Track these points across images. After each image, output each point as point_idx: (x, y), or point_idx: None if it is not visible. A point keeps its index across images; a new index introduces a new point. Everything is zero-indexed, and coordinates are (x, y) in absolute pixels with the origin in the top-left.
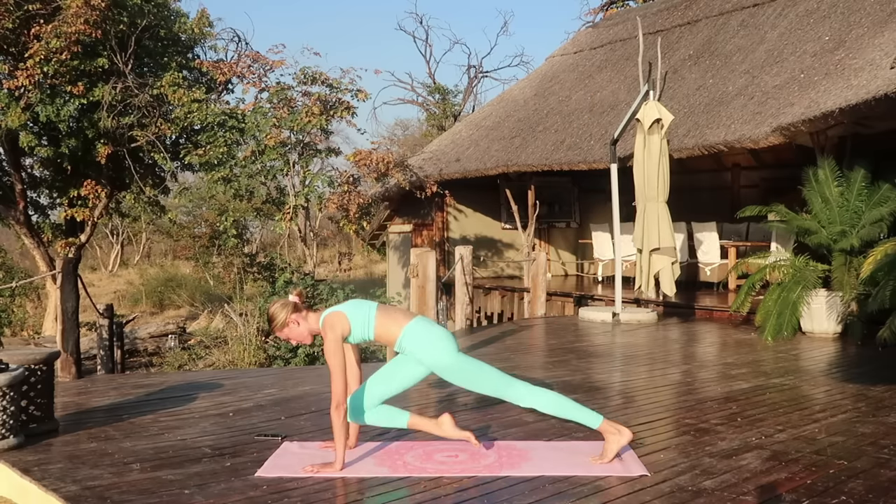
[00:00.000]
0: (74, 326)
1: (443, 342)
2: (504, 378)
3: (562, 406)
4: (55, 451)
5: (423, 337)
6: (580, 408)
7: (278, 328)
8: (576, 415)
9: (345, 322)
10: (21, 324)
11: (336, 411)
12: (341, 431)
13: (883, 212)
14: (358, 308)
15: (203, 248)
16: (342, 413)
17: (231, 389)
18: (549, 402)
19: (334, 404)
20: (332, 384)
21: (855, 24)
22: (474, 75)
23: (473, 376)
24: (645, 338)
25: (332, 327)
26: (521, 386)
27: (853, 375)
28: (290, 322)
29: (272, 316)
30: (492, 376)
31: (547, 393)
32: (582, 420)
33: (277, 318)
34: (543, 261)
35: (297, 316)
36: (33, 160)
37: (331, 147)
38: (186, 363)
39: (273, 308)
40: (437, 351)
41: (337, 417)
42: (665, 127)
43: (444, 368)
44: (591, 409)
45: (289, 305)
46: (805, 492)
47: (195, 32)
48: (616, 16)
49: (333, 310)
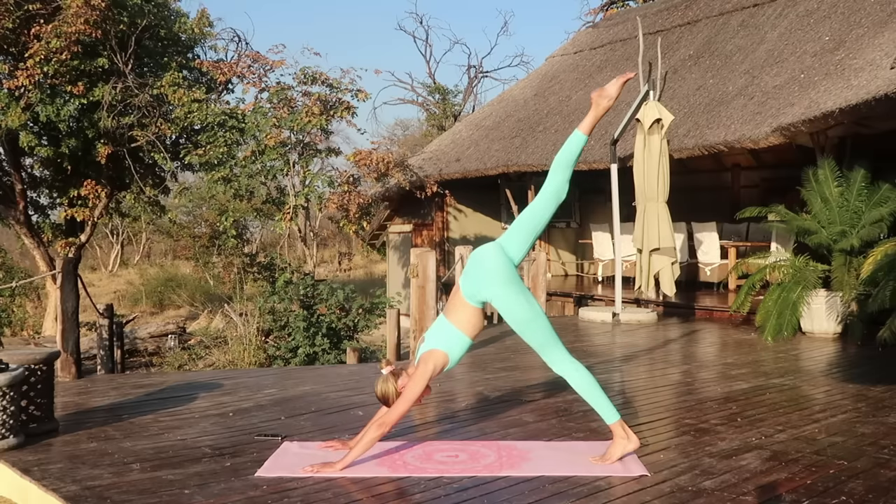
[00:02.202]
0: (74, 326)
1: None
2: (556, 337)
3: (590, 391)
4: (55, 451)
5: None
6: (605, 399)
7: (394, 400)
8: (599, 403)
9: (441, 357)
10: (21, 324)
11: (377, 429)
12: (368, 446)
13: (883, 212)
14: (442, 335)
15: (203, 248)
16: (381, 433)
17: (231, 389)
18: (582, 381)
19: (381, 422)
20: (397, 407)
21: (855, 24)
22: (474, 75)
23: (527, 318)
24: (645, 338)
25: (427, 362)
26: (564, 354)
27: (853, 375)
28: (401, 390)
29: (383, 397)
30: (546, 328)
31: (584, 373)
32: (602, 411)
33: (389, 394)
34: (543, 261)
35: (402, 381)
36: (33, 160)
37: (331, 147)
38: (186, 363)
39: (379, 390)
40: (493, 282)
41: (374, 433)
42: (665, 127)
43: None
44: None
45: (389, 378)
46: (805, 492)
47: (195, 32)
48: (616, 16)
49: (427, 349)
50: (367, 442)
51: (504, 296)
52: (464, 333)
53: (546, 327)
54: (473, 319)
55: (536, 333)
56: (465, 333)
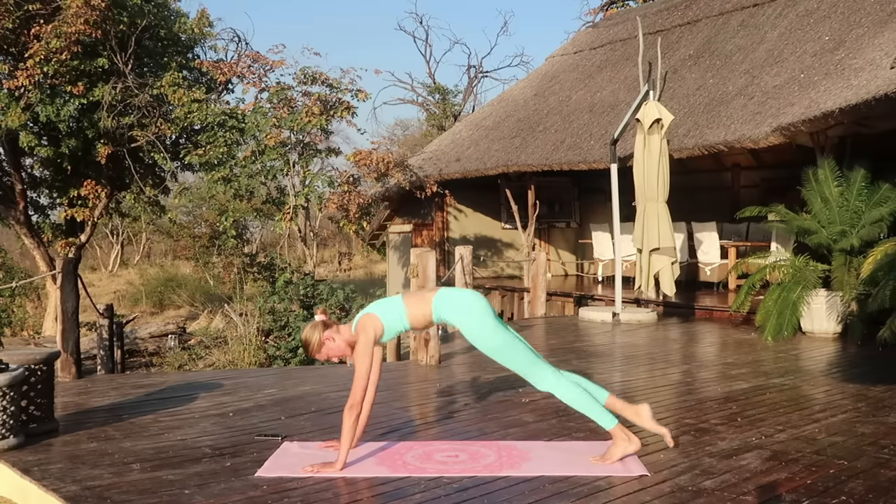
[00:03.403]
0: (74, 326)
1: (472, 303)
2: (533, 358)
3: (582, 401)
4: (55, 451)
5: (453, 300)
6: (599, 407)
7: (315, 350)
8: (593, 412)
9: (377, 323)
10: (21, 324)
11: (349, 411)
12: (350, 432)
13: (883, 212)
14: (386, 305)
15: (203, 248)
16: (355, 414)
17: (231, 389)
18: (571, 394)
19: (349, 404)
20: (354, 384)
21: (855, 24)
22: (474, 75)
23: (498, 346)
24: (645, 338)
25: (365, 329)
26: (548, 371)
27: (853, 375)
28: (324, 340)
29: (306, 341)
30: (522, 353)
31: (571, 385)
32: (598, 419)
33: (311, 340)
34: (543, 261)
35: (330, 332)
36: (33, 160)
37: (331, 147)
38: (186, 363)
39: (304, 334)
40: (467, 313)
41: (349, 418)
42: (665, 127)
43: (471, 331)
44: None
45: (318, 325)
46: (805, 492)
47: (195, 32)
48: (616, 16)
49: (364, 313)
50: (348, 429)
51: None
52: (409, 320)
53: (518, 353)
54: (423, 320)
55: (512, 360)
56: (409, 321)
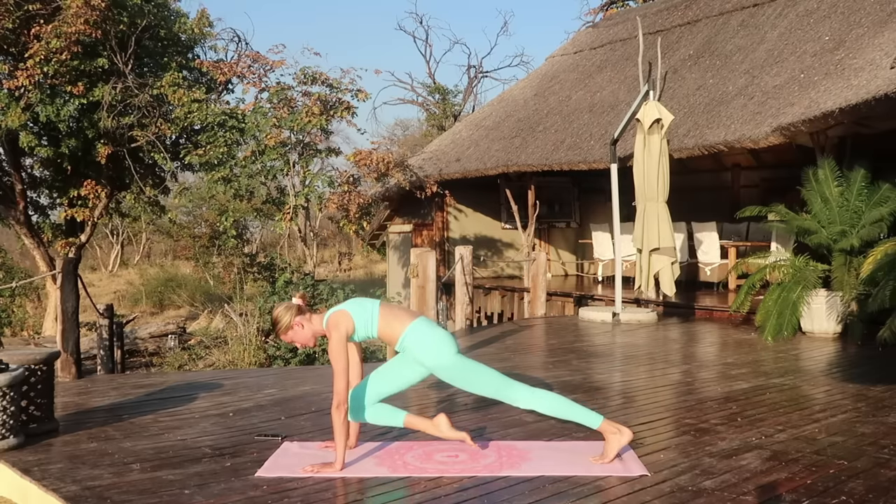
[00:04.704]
0: (74, 326)
1: (443, 344)
2: (503, 380)
3: (561, 407)
4: (55, 451)
5: (425, 337)
6: (580, 408)
7: (282, 331)
8: (576, 415)
9: (349, 321)
10: (21, 324)
11: (337, 411)
12: (342, 431)
13: (883, 212)
14: (361, 306)
15: (203, 248)
16: (343, 413)
17: (231, 389)
18: (549, 403)
19: (335, 404)
20: (335, 384)
21: (855, 24)
22: (474, 75)
23: (472, 378)
24: (645, 338)
25: (337, 326)
26: (521, 388)
27: (853, 375)
28: (294, 325)
29: (276, 319)
30: (491, 378)
31: (546, 394)
32: (582, 420)
33: (281, 321)
34: (543, 261)
35: (301, 318)
36: (33, 160)
37: (331, 147)
38: (186, 363)
39: (277, 311)
40: (437, 352)
41: (338, 417)
42: (665, 127)
43: (443, 369)
44: (590, 409)
45: (292, 308)
46: (805, 492)
47: (195, 32)
48: (616, 16)
49: (337, 309)
50: (339, 428)
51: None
52: (378, 329)
53: (488, 378)
54: (390, 337)
55: (485, 386)
56: (378, 330)
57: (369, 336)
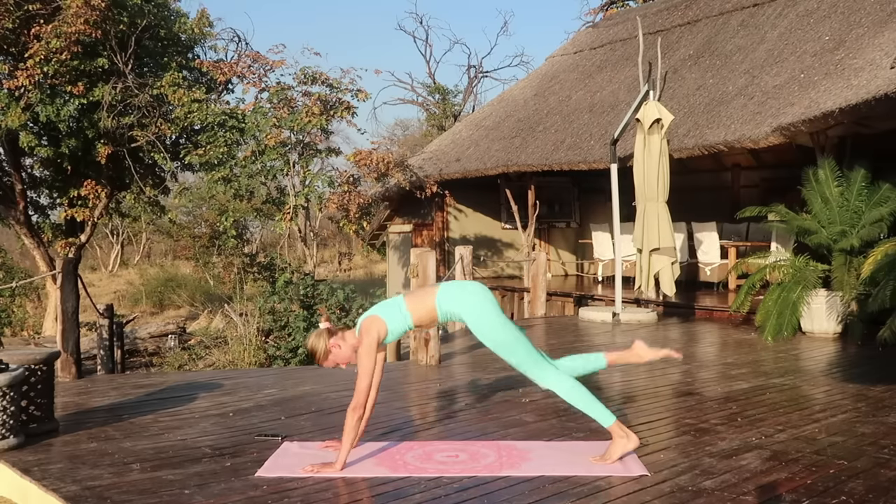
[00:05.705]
0: (74, 326)
1: (477, 295)
2: (535, 355)
3: (581, 398)
4: (55, 451)
5: (457, 292)
6: (598, 404)
7: (322, 359)
8: (592, 409)
9: (381, 324)
10: (21, 324)
11: (353, 412)
12: (352, 433)
13: (883, 212)
14: (387, 306)
15: (203, 248)
16: (358, 415)
17: (231, 389)
18: (571, 390)
19: (353, 405)
20: (358, 382)
21: (855, 24)
22: (474, 75)
23: (504, 340)
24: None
25: (369, 331)
26: (549, 368)
27: (853, 375)
28: (331, 348)
29: (312, 350)
30: (525, 349)
31: (571, 381)
32: (596, 415)
33: (318, 349)
34: (543, 261)
35: (336, 340)
36: (33, 160)
37: (331, 147)
38: (186, 363)
39: (310, 343)
40: (472, 304)
41: (351, 418)
42: (665, 127)
43: (478, 323)
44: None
45: (322, 334)
46: (805, 492)
47: (195, 32)
48: (616, 16)
49: (366, 315)
50: (350, 429)
51: (478, 322)
52: (412, 318)
53: (522, 349)
54: (427, 317)
55: (516, 356)
56: (412, 318)
57: (408, 328)
